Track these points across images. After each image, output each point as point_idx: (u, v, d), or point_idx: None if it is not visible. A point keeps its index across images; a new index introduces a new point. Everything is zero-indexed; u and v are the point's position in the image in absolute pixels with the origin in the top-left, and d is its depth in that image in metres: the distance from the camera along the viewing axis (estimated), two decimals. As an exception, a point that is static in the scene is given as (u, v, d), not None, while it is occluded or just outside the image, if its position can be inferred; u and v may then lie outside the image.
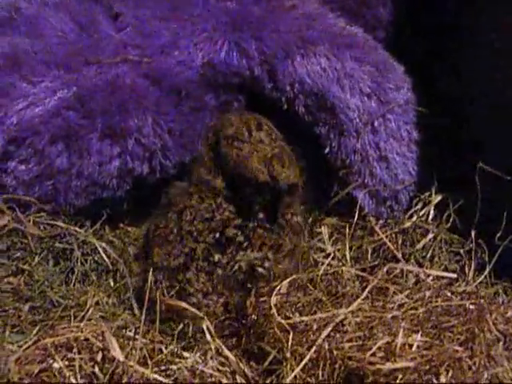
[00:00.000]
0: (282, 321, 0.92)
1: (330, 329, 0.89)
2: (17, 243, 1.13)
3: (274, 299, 0.96)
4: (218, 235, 1.07)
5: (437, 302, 0.98)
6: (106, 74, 1.21)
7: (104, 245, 1.16)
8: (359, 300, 0.95)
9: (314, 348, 0.88)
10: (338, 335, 0.90)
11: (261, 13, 1.26)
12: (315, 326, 0.92)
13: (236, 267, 1.06)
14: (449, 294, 1.03)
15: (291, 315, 0.96)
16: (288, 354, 0.90)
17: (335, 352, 0.88)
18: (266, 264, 1.07)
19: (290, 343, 0.91)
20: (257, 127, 1.12)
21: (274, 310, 0.94)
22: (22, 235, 1.14)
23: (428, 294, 1.00)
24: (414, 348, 0.88)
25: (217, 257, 1.06)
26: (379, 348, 0.87)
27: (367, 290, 0.97)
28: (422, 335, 0.89)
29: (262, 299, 0.99)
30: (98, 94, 1.19)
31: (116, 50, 1.23)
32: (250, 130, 1.11)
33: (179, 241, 1.08)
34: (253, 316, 0.99)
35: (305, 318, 0.93)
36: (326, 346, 0.88)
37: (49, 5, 1.32)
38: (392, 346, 0.87)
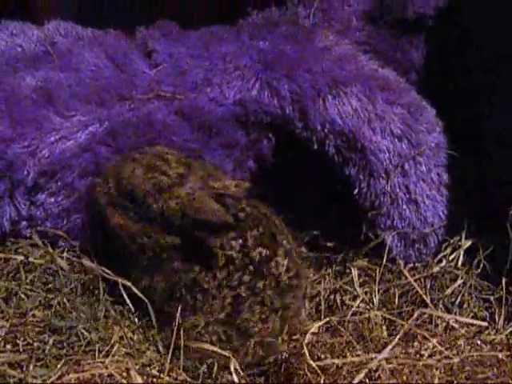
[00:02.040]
0: (313, 363, 0.90)
1: (362, 375, 0.86)
2: (45, 276, 1.13)
3: (307, 338, 0.93)
4: (252, 268, 1.04)
5: (469, 351, 0.95)
6: (139, 110, 1.22)
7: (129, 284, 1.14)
8: (391, 346, 0.93)
9: (346, 394, 0.86)
10: (370, 382, 0.87)
11: (293, 53, 1.27)
12: (346, 370, 0.90)
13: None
14: (479, 343, 1.01)
15: (322, 356, 0.94)
16: (318, 399, 0.88)
17: (368, 400, 0.86)
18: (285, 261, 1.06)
19: (320, 387, 0.89)
20: (162, 164, 1.09)
21: (305, 350, 0.92)
22: (51, 268, 1.13)
23: (460, 342, 0.98)
24: (449, 399, 0.86)
25: (261, 284, 1.04)
26: (414, 397, 0.85)
27: (399, 335, 0.95)
28: (456, 386, 0.88)
29: (294, 337, 0.97)
30: (129, 129, 1.20)
31: (149, 87, 1.24)
32: (163, 172, 1.08)
33: (212, 299, 1.04)
34: (284, 354, 0.97)
35: (336, 361, 0.91)
36: (359, 393, 0.87)
37: (84, 40, 1.34)
38: (427, 395, 0.85)
